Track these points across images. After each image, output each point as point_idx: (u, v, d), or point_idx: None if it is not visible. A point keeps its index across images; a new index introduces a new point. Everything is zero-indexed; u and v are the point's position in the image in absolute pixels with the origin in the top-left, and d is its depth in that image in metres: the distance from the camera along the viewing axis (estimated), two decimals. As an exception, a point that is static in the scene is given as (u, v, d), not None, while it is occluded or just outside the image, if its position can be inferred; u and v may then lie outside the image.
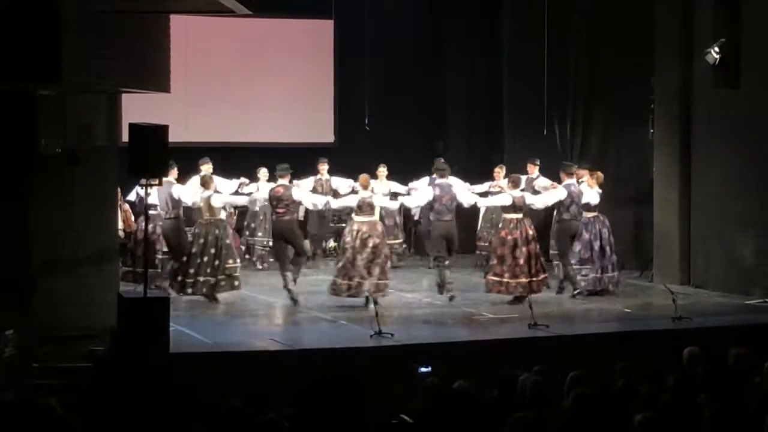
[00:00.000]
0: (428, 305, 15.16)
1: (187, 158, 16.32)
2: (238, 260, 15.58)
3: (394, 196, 17.44)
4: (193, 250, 15.03)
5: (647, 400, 7.51)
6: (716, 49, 15.48)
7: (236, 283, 15.21)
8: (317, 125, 21.42)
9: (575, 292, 15.40)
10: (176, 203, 15.58)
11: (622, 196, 18.09)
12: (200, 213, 15.26)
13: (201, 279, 14.95)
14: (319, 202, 15.69)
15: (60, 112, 12.44)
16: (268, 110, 20.94)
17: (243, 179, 17.30)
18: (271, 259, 17.59)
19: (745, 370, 8.73)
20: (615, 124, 18.84)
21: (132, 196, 17.08)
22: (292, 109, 21.09)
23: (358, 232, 14.71)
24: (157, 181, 12.48)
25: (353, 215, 15.00)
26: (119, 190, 15.58)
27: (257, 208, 18.33)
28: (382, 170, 18.38)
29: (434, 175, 16.13)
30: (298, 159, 19.28)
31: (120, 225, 16.25)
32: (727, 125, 16.05)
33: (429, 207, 15.93)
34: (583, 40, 19.24)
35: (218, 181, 16.17)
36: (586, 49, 19.19)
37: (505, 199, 15.18)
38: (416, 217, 19.57)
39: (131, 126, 12.12)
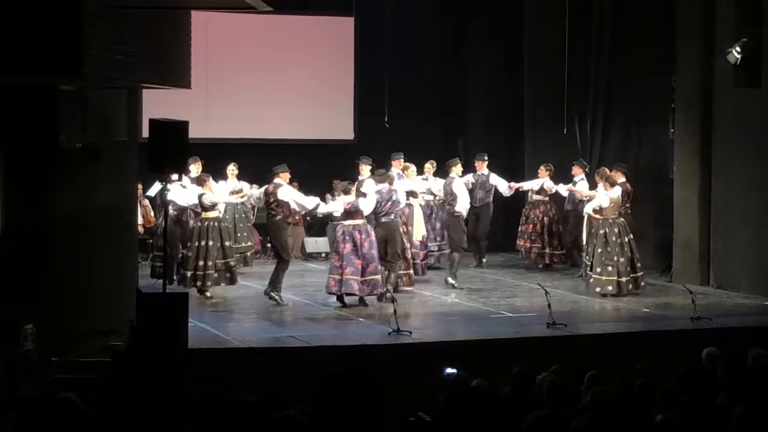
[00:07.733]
0: (447, 303, 15.15)
1: (207, 154, 16.33)
2: None
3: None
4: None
5: (666, 399, 7.49)
6: (738, 48, 15.42)
7: None
8: (337, 122, 21.41)
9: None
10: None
11: (642, 195, 18.02)
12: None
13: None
14: None
15: (80, 107, 12.45)
16: (288, 107, 20.92)
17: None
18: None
19: (765, 370, 8.70)
20: (635, 123, 18.77)
21: (152, 192, 17.15)
22: (311, 106, 21.07)
23: None
24: (176, 177, 12.48)
25: None
26: (140, 185, 15.61)
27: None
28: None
29: None
30: (317, 156, 19.35)
31: (140, 220, 16.31)
32: (748, 125, 15.97)
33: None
34: (603, 39, 19.18)
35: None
36: (607, 48, 19.13)
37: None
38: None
39: (151, 121, 12.14)
